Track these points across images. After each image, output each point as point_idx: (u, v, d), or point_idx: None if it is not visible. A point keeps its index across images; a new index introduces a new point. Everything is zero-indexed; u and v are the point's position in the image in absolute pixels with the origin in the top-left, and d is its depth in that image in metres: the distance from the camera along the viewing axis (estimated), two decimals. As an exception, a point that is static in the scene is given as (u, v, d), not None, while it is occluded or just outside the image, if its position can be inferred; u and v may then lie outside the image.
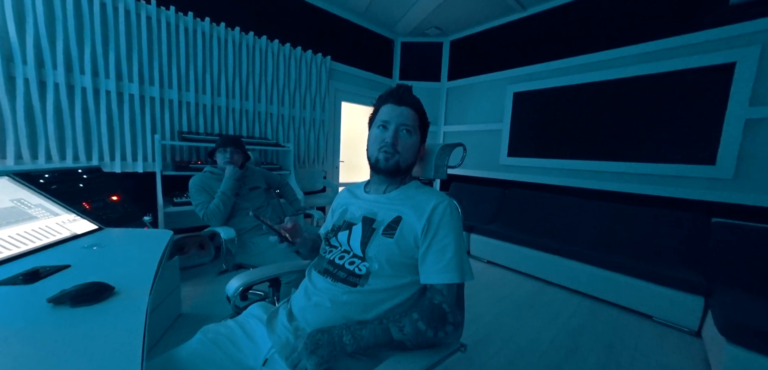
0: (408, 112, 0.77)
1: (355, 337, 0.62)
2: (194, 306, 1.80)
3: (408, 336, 0.62)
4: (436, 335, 0.62)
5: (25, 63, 1.79)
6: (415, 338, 0.62)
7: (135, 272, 0.79)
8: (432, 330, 0.62)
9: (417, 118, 0.78)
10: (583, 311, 2.07)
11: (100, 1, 1.99)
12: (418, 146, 0.81)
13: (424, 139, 0.84)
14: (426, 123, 0.83)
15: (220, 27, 2.50)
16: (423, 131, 0.82)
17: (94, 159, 2.06)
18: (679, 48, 2.26)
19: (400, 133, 0.76)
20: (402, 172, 0.79)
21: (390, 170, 0.77)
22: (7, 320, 0.55)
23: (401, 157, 0.77)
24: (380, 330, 0.63)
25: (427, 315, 0.63)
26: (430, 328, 0.62)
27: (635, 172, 2.50)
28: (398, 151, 0.76)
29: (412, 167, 0.82)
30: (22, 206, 0.94)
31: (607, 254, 2.24)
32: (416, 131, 0.78)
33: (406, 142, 0.76)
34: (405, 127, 0.76)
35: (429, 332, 0.62)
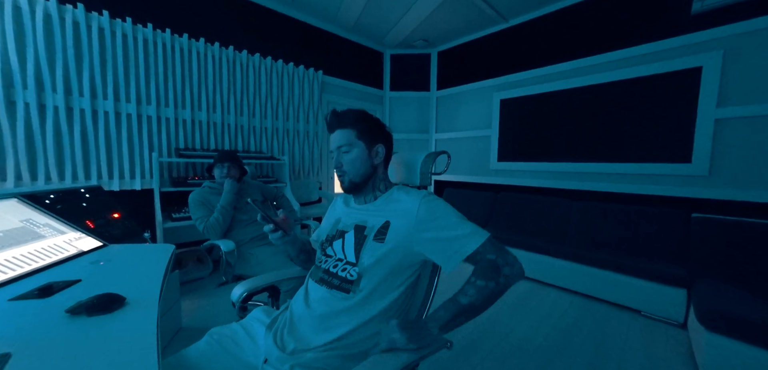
0: (339, 133, 0.84)
1: (436, 318, 0.67)
2: (194, 319, 1.82)
3: (474, 297, 0.66)
4: (497, 283, 0.67)
5: (26, 88, 1.84)
6: (480, 295, 0.66)
7: (142, 284, 0.84)
8: (492, 281, 0.67)
9: (351, 132, 0.83)
10: (575, 309, 2.14)
11: (98, 26, 2.06)
12: (366, 154, 0.83)
13: (377, 141, 0.85)
14: (370, 128, 0.84)
15: (214, 46, 2.58)
16: (368, 137, 0.83)
17: (92, 178, 2.09)
18: (650, 54, 2.40)
19: (340, 156, 0.83)
20: (360, 184, 0.84)
21: (349, 189, 0.85)
22: (28, 330, 0.60)
23: (350, 174, 0.83)
24: (450, 304, 0.68)
25: (482, 272, 0.68)
26: (490, 280, 0.67)
27: (618, 172, 2.61)
28: (344, 171, 0.83)
29: (370, 175, 0.85)
30: (31, 226, 0.99)
31: (595, 252, 2.32)
32: (355, 144, 0.82)
33: (347, 159, 0.83)
34: (340, 148, 0.83)
35: (490, 284, 0.66)
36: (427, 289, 0.90)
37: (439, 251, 0.73)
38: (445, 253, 0.72)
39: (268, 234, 0.86)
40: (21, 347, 0.53)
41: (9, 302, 0.69)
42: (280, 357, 0.71)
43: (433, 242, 0.73)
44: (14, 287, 0.76)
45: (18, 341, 0.55)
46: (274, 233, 0.85)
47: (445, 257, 0.72)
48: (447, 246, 0.72)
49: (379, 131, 0.87)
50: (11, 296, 0.71)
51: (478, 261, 0.71)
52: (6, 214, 0.97)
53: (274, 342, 0.74)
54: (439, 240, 0.73)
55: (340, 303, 0.75)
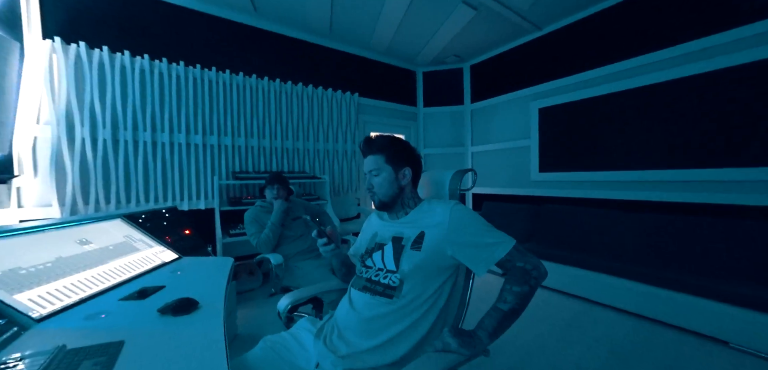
0: (370, 159, 0.95)
1: (483, 327, 0.74)
2: (248, 327, 2.01)
3: (512, 303, 0.74)
4: (530, 286, 0.75)
5: (126, 128, 2.30)
6: (517, 300, 0.74)
7: (210, 291, 0.99)
8: (526, 285, 0.75)
9: (379, 158, 0.93)
10: (638, 334, 1.90)
11: (176, 74, 2.49)
12: (393, 177, 0.93)
13: (404, 165, 0.95)
14: (397, 152, 0.94)
15: (263, 80, 2.93)
16: (395, 161, 0.94)
17: (169, 200, 2.48)
18: (723, 45, 2.11)
19: (371, 179, 0.95)
20: (388, 204, 0.95)
21: (378, 207, 0.96)
22: (134, 324, 0.76)
23: (379, 194, 0.94)
24: (494, 313, 0.75)
25: (515, 279, 0.76)
26: (524, 284, 0.75)
27: (683, 180, 2.31)
28: (374, 191, 0.94)
29: (397, 195, 0.94)
30: (130, 241, 1.23)
31: (661, 271, 2.06)
32: (383, 168, 0.93)
33: (376, 182, 0.94)
34: (371, 172, 0.94)
35: (525, 288, 0.74)
36: (462, 295, 0.94)
37: (470, 256, 0.81)
38: (476, 258, 0.81)
39: (320, 247, 0.97)
40: (130, 337, 0.69)
41: (119, 301, 0.88)
42: (334, 361, 0.78)
43: (464, 247, 0.82)
44: (121, 289, 0.96)
45: (128, 332, 0.71)
46: (326, 246, 0.96)
47: (476, 262, 0.81)
48: (477, 252, 0.81)
49: (407, 155, 0.97)
50: (120, 297, 0.90)
51: (508, 268, 0.79)
52: (114, 231, 1.22)
53: (325, 346, 0.82)
54: (470, 245, 0.81)
55: (383, 308, 0.82)
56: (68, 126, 2.07)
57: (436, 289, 0.84)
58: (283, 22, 3.02)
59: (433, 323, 0.83)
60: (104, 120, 2.19)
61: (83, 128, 2.11)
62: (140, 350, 0.64)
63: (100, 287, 0.92)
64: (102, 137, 2.18)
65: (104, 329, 0.72)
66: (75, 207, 2.08)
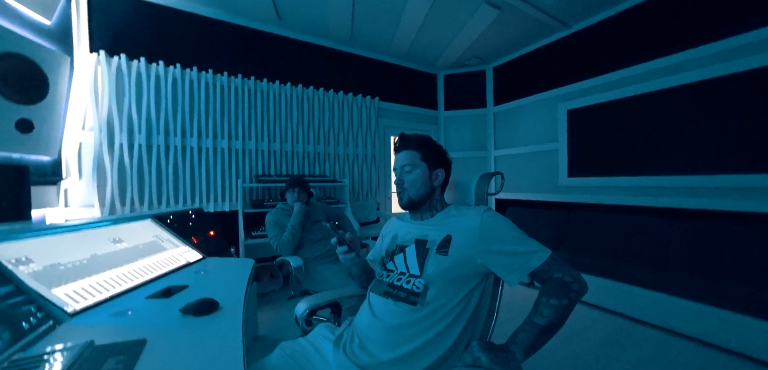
0: (404, 154, 0.92)
1: (517, 342, 0.69)
2: (269, 330, 2.03)
3: (550, 317, 0.68)
4: (569, 299, 0.68)
5: (159, 134, 2.43)
6: (555, 313, 0.68)
7: (231, 292, 0.99)
8: (565, 298, 0.68)
9: (416, 154, 0.91)
10: (689, 359, 1.69)
11: (204, 81, 2.61)
12: (427, 176, 0.90)
13: (438, 166, 0.92)
14: (433, 152, 0.92)
15: (286, 86, 3.00)
16: (430, 161, 0.91)
17: (196, 202, 2.58)
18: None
19: (403, 175, 0.92)
20: (417, 203, 0.91)
21: (406, 206, 0.93)
22: (157, 323, 0.77)
23: (409, 192, 0.90)
24: (529, 327, 0.69)
25: (552, 291, 0.70)
26: (563, 298, 0.68)
27: (738, 186, 2.07)
28: (405, 188, 0.91)
29: (428, 195, 0.91)
30: (158, 241, 1.27)
31: (714, 286, 1.84)
32: (418, 165, 0.90)
33: (409, 179, 0.90)
34: (405, 167, 0.91)
35: (564, 301, 0.68)
36: (490, 306, 0.88)
37: (502, 265, 0.76)
38: (509, 267, 0.75)
39: (340, 254, 0.93)
40: (152, 335, 0.69)
41: (145, 299, 0.90)
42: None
43: (497, 255, 0.77)
44: (148, 287, 0.99)
45: (151, 331, 0.71)
46: (346, 254, 0.92)
47: (508, 271, 0.75)
48: (511, 261, 0.75)
49: (441, 157, 0.94)
50: (147, 295, 0.92)
51: (544, 280, 0.73)
52: (144, 231, 1.27)
53: (346, 356, 0.78)
54: (503, 253, 0.76)
55: (407, 316, 0.77)
56: (109, 132, 2.22)
57: (464, 297, 0.79)
58: (305, 30, 3.09)
59: (460, 335, 0.77)
60: (140, 126, 2.34)
61: (121, 134, 2.25)
62: (161, 350, 0.64)
63: (129, 284, 0.95)
64: (137, 142, 2.32)
65: (130, 327, 0.74)
66: (113, 207, 2.22)
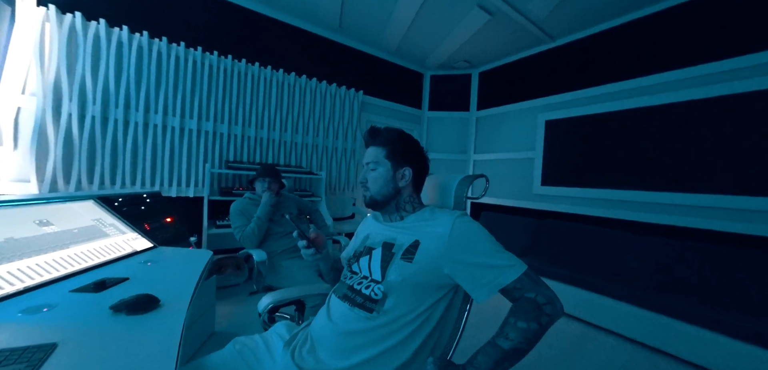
0: (371, 150, 0.86)
1: (475, 365, 0.63)
2: (227, 325, 1.91)
3: (516, 341, 0.62)
4: (539, 324, 0.62)
5: (117, 106, 2.20)
6: (523, 337, 0.61)
7: (178, 287, 0.89)
8: (534, 323, 0.62)
9: (381, 151, 0.84)
10: (638, 364, 1.80)
11: (175, 54, 2.40)
12: (390, 175, 0.83)
13: (405, 163, 0.84)
14: (400, 149, 0.84)
15: (266, 69, 2.84)
16: (396, 159, 0.83)
17: (156, 185, 2.38)
18: (739, 70, 2.05)
19: (366, 173, 0.86)
20: (380, 203, 0.85)
21: (368, 205, 0.87)
22: (79, 322, 0.66)
23: (371, 191, 0.84)
24: (491, 349, 0.63)
25: (522, 313, 0.63)
26: (532, 321, 0.62)
27: (694, 205, 2.21)
28: (368, 187, 0.85)
29: (392, 196, 0.84)
30: (100, 225, 1.13)
31: (666, 297, 1.96)
32: (381, 163, 0.84)
33: (372, 177, 0.84)
34: (369, 165, 0.85)
35: (532, 325, 0.61)
36: (456, 321, 0.83)
37: (471, 278, 0.69)
38: (478, 281, 0.68)
39: (301, 250, 0.87)
40: (67, 338, 0.59)
41: (70, 292, 0.78)
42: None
43: (466, 267, 0.69)
44: (77, 279, 0.86)
45: (66, 332, 0.61)
46: (307, 249, 0.86)
47: (477, 285, 0.68)
48: (481, 274, 0.68)
49: (412, 154, 0.86)
50: (72, 288, 0.80)
51: (516, 298, 0.66)
52: (83, 213, 1.13)
53: (292, 360, 0.73)
54: (472, 265, 0.69)
55: (361, 323, 0.72)
56: (55, 99, 1.98)
57: (426, 310, 0.73)
58: (292, 11, 2.94)
59: (418, 349, 0.72)
60: (95, 96, 2.10)
61: (71, 103, 2.01)
62: (73, 357, 0.54)
63: (53, 275, 0.83)
64: (90, 114, 2.09)
65: (41, 327, 0.63)
66: (55, 185, 1.98)
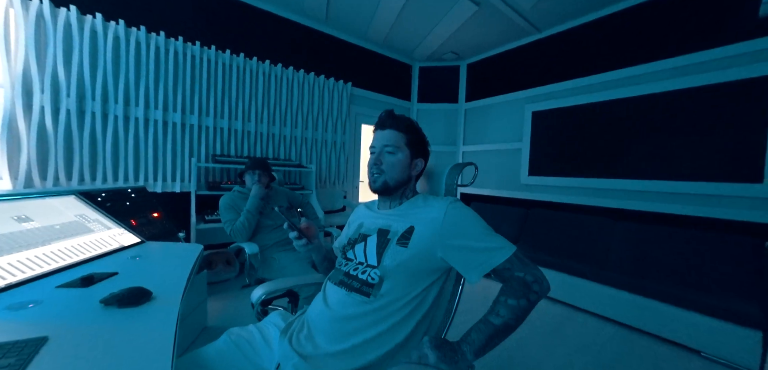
0: (390, 133, 0.82)
1: (468, 341, 0.66)
2: (219, 320, 1.89)
3: (507, 317, 0.65)
4: (528, 300, 0.66)
5: (94, 99, 2.10)
6: (513, 314, 0.65)
7: (170, 281, 0.88)
8: (524, 299, 0.66)
9: (402, 137, 0.82)
10: (618, 342, 1.91)
11: (155, 45, 2.30)
12: (408, 162, 0.83)
13: (419, 155, 0.86)
14: (418, 140, 0.85)
15: (252, 61, 2.77)
16: (414, 148, 0.84)
17: (140, 180, 2.30)
18: (712, 61, 2.16)
19: (383, 155, 0.82)
20: (392, 189, 0.83)
21: (379, 190, 0.84)
22: (68, 316, 0.65)
23: (387, 176, 0.81)
24: (483, 326, 0.67)
25: (512, 291, 0.67)
26: (521, 298, 0.66)
27: (670, 191, 2.33)
28: (383, 170, 0.81)
29: (404, 183, 0.84)
30: (83, 221, 1.09)
31: (643, 280, 2.08)
32: (402, 149, 0.82)
33: (390, 161, 0.81)
34: (387, 148, 0.82)
35: (522, 302, 0.65)
36: (449, 303, 0.86)
37: (464, 260, 0.72)
38: (470, 263, 0.71)
39: (293, 241, 0.87)
40: (57, 332, 0.57)
41: (56, 288, 0.76)
42: (296, 363, 0.70)
43: (458, 250, 0.72)
44: (63, 275, 0.84)
45: (56, 326, 0.59)
46: (298, 240, 0.86)
47: (469, 267, 0.71)
48: (473, 257, 0.71)
49: (424, 147, 0.88)
50: (58, 284, 0.78)
51: (506, 278, 0.70)
52: (65, 209, 1.08)
53: (290, 346, 0.74)
54: (465, 249, 0.71)
55: (358, 307, 0.74)
56: (25, 91, 1.87)
57: (420, 292, 0.75)
58: (277, 1, 2.86)
59: (413, 331, 0.74)
60: (68, 88, 2.00)
61: (43, 95, 1.91)
62: (66, 349, 0.53)
63: (36, 271, 0.80)
64: (65, 107, 1.99)
65: (28, 322, 0.61)
66: (30, 181, 1.89)
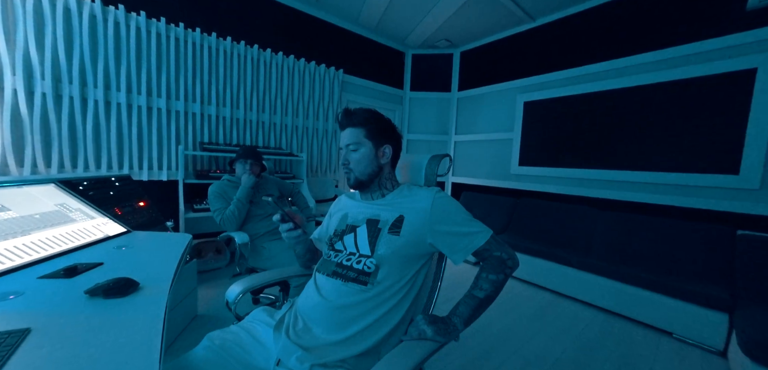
0: (349, 131, 0.87)
1: (457, 314, 0.76)
2: (209, 308, 1.89)
3: (488, 291, 0.77)
4: (504, 274, 0.78)
5: (71, 83, 2.00)
6: (493, 287, 0.77)
7: (157, 271, 0.87)
8: (502, 274, 0.78)
9: (360, 132, 0.86)
10: (597, 325, 2.01)
11: (136, 25, 2.20)
12: (373, 154, 0.86)
13: (385, 142, 0.88)
14: (379, 129, 0.87)
15: (240, 45, 2.68)
16: (376, 138, 0.86)
17: (124, 168, 2.24)
18: (696, 54, 2.20)
19: (348, 154, 0.87)
20: (365, 182, 0.88)
21: (354, 186, 0.89)
22: (50, 308, 0.64)
23: (356, 172, 0.87)
24: (469, 300, 0.77)
25: (491, 268, 0.79)
26: (499, 273, 0.78)
27: (652, 182, 2.42)
28: (350, 168, 0.87)
29: (376, 173, 0.88)
30: (65, 210, 1.06)
31: (622, 266, 2.17)
32: (363, 143, 0.86)
33: (354, 158, 0.86)
34: (350, 146, 0.86)
35: (500, 276, 0.78)
36: (433, 283, 0.93)
37: (450, 245, 0.80)
38: (455, 246, 0.79)
39: (283, 233, 0.87)
40: (41, 323, 0.57)
41: (38, 279, 0.74)
42: (300, 356, 0.69)
43: (445, 235, 0.79)
44: (44, 265, 0.82)
45: (39, 318, 0.59)
46: (292, 231, 0.86)
47: (455, 250, 0.79)
48: (458, 241, 0.79)
49: (389, 132, 0.89)
50: (40, 275, 0.76)
51: (485, 258, 0.80)
52: (44, 198, 1.05)
53: (289, 340, 0.73)
54: (451, 234, 0.79)
55: (357, 296, 0.76)
56: (-4, 73, 1.77)
57: (412, 276, 0.81)
58: (262, -19, 2.76)
59: (406, 312, 0.80)
60: (43, 71, 1.90)
61: (15, 77, 1.81)
62: (50, 341, 0.53)
63: (16, 262, 0.78)
64: (40, 90, 1.89)
65: (9, 314, 0.59)
66: (6, 169, 1.81)
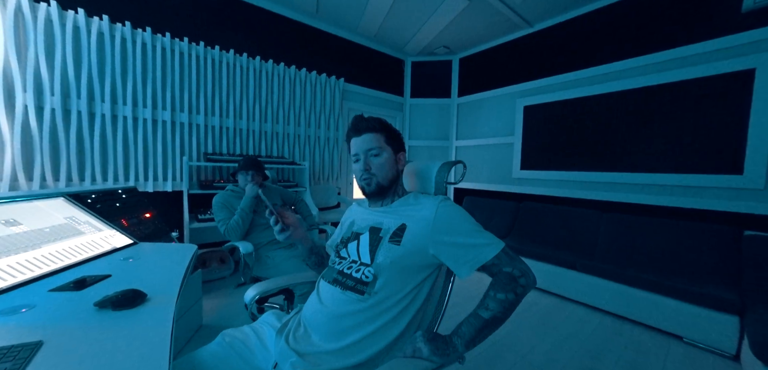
0: (369, 137, 0.85)
1: (459, 334, 0.69)
2: (214, 318, 1.90)
3: (495, 310, 0.68)
4: (516, 294, 0.68)
5: (79, 97, 2.05)
6: (501, 307, 0.68)
7: (164, 282, 0.88)
8: (511, 293, 0.68)
9: (380, 137, 0.85)
10: (604, 329, 1.98)
11: (141, 41, 2.25)
12: (393, 159, 0.87)
13: (400, 149, 0.90)
14: (394, 135, 0.89)
15: (242, 57, 2.73)
16: (393, 144, 0.88)
17: (130, 180, 2.27)
18: (693, 56, 2.21)
19: (369, 159, 0.85)
20: (386, 188, 0.86)
21: (374, 192, 0.86)
22: (61, 320, 0.65)
23: (378, 177, 0.85)
24: (473, 319, 0.69)
25: (500, 285, 0.69)
26: (509, 292, 0.68)
27: (655, 183, 2.41)
28: (373, 173, 0.85)
29: (396, 178, 0.88)
30: (73, 223, 1.08)
31: (628, 269, 2.14)
32: (384, 148, 0.85)
33: (377, 163, 0.85)
34: (372, 151, 0.85)
35: (509, 296, 0.68)
36: (440, 298, 0.88)
37: (454, 257, 0.74)
38: (461, 259, 0.73)
39: (276, 234, 0.89)
40: (52, 336, 0.58)
41: (48, 292, 0.76)
42: (294, 362, 0.70)
43: (449, 247, 0.74)
44: (54, 278, 0.83)
45: (51, 330, 0.60)
46: (282, 232, 0.88)
47: (460, 263, 0.73)
48: (463, 253, 0.73)
49: (400, 140, 0.91)
50: (51, 288, 0.77)
51: (494, 273, 0.72)
52: (54, 211, 1.07)
53: (287, 345, 0.74)
54: (456, 245, 0.73)
55: (353, 305, 0.75)
56: (6, 90, 1.82)
57: (413, 288, 0.77)
58: (264, -5, 2.82)
59: (407, 326, 0.76)
60: (52, 87, 1.95)
61: (26, 94, 1.86)
62: (61, 353, 0.54)
63: (27, 275, 0.79)
64: (50, 106, 1.94)
65: (21, 327, 0.61)
66: (16, 183, 1.85)
